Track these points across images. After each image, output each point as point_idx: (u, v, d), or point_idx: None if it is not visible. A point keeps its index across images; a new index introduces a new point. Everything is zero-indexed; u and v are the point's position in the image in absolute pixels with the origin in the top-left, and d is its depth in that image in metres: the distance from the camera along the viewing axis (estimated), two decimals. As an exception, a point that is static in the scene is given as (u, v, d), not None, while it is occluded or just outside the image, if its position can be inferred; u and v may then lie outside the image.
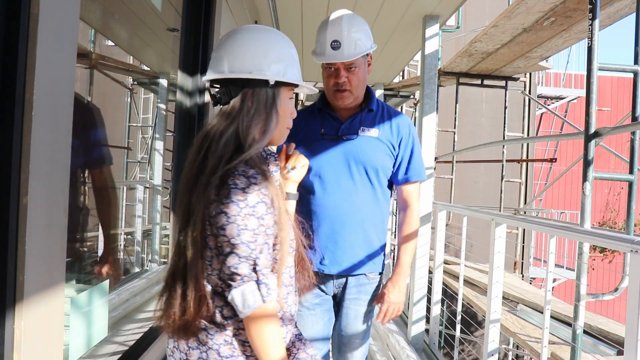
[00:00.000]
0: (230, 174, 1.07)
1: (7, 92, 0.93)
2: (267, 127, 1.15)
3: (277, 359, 1.06)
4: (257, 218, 1.04)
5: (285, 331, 1.17)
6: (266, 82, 1.14)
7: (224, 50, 1.16)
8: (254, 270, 1.05)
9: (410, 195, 1.95)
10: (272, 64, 1.14)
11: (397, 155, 1.91)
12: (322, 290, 1.92)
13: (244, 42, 1.15)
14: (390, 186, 1.96)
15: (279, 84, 1.15)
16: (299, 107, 11.23)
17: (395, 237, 6.46)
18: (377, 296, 1.95)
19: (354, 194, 1.85)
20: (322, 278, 1.90)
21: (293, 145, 1.37)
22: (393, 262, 5.46)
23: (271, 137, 1.18)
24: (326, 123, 1.91)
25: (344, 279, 1.91)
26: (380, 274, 1.98)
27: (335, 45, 1.81)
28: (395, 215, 7.37)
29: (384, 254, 1.98)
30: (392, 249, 6.48)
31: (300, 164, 1.34)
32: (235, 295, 1.05)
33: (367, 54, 1.89)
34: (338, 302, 1.97)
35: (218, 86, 1.19)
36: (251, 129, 1.13)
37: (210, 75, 1.18)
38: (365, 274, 1.91)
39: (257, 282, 1.05)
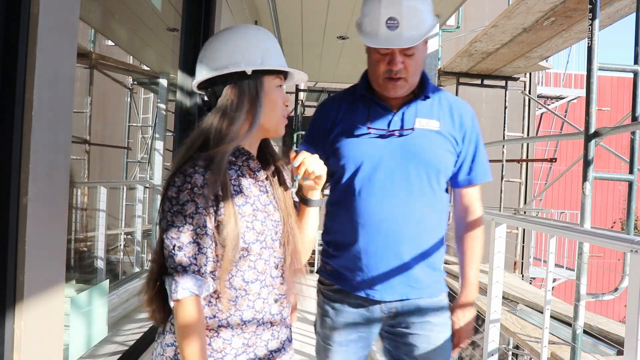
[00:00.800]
0: (176, 172, 1.10)
1: (7, 92, 0.93)
2: (254, 118, 1.14)
3: (186, 353, 1.05)
4: (184, 216, 1.06)
5: (230, 335, 1.13)
6: (245, 74, 1.14)
7: (202, 55, 1.18)
8: (172, 266, 1.07)
9: (472, 200, 1.62)
10: (248, 55, 1.15)
11: (459, 152, 1.57)
12: (365, 319, 1.56)
13: (220, 41, 1.17)
14: (447, 189, 1.62)
15: (259, 73, 1.15)
16: (299, 107, 11.21)
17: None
18: (449, 321, 1.61)
19: (413, 203, 1.50)
20: (365, 301, 1.55)
21: (293, 154, 1.20)
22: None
23: (259, 128, 1.17)
24: (373, 114, 1.55)
25: (397, 304, 1.55)
26: (447, 293, 1.64)
27: (392, 24, 1.43)
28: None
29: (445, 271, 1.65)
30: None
31: (311, 176, 1.20)
32: (166, 286, 1.09)
33: None
34: (390, 332, 1.58)
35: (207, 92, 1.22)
36: (235, 123, 1.13)
37: (194, 82, 1.20)
38: (427, 298, 1.56)
39: (172, 278, 1.06)
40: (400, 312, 1.54)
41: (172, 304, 1.06)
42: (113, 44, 6.38)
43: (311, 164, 1.18)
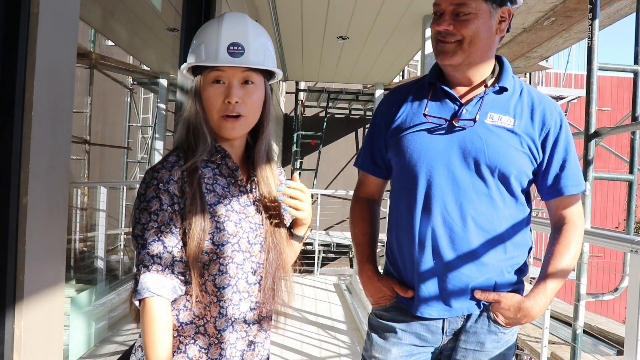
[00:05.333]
0: (150, 169, 1.08)
1: (7, 92, 0.93)
2: (190, 120, 1.11)
3: (150, 357, 1.00)
4: (149, 213, 1.03)
5: (207, 344, 1.07)
6: (193, 75, 1.13)
7: None
8: (136, 264, 1.03)
9: (565, 212, 1.35)
10: (189, 55, 1.13)
11: (542, 157, 1.33)
12: (422, 340, 1.37)
13: None
14: (528, 199, 1.38)
15: (196, 72, 1.12)
16: (299, 107, 11.21)
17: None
18: (511, 354, 1.39)
19: (473, 210, 1.29)
20: (422, 320, 1.36)
21: (295, 177, 1.14)
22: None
23: (201, 127, 1.11)
24: (435, 102, 1.35)
25: (460, 321, 1.35)
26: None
27: None
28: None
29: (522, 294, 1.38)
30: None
31: (290, 211, 1.13)
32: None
33: (498, 4, 1.29)
34: (446, 357, 1.39)
35: None
36: (181, 124, 1.12)
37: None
38: (491, 320, 1.34)
39: (134, 277, 1.02)
40: (460, 331, 1.35)
41: (136, 303, 1.02)
42: (113, 44, 6.39)
43: (293, 201, 1.11)
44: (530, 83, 10.22)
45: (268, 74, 1.14)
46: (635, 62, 3.67)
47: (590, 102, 3.52)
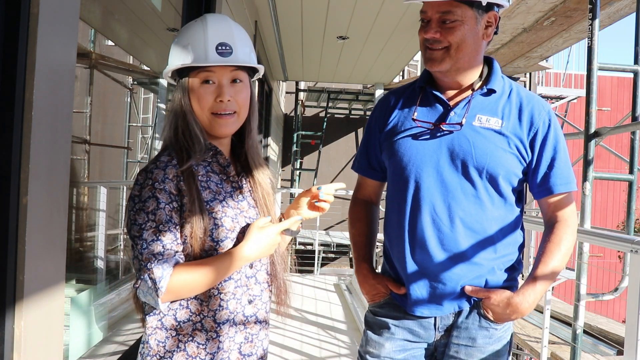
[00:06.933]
0: (141, 171, 1.08)
1: (7, 92, 0.93)
2: (179, 120, 1.11)
3: (216, 274, 1.05)
4: (145, 213, 1.03)
5: (205, 339, 1.08)
6: (183, 73, 1.12)
7: None
8: (143, 265, 1.01)
9: (557, 210, 1.37)
10: (174, 57, 1.13)
11: (531, 157, 1.34)
12: (415, 335, 1.40)
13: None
14: (519, 199, 1.40)
15: (182, 74, 1.12)
16: (299, 107, 11.20)
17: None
18: (505, 351, 1.40)
19: (461, 211, 1.32)
20: (415, 317, 1.39)
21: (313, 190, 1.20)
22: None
23: (192, 128, 1.11)
24: (425, 106, 1.38)
25: (451, 318, 1.37)
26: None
27: None
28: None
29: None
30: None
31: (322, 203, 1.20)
32: (139, 291, 1.03)
33: (484, 10, 1.29)
34: (441, 353, 1.41)
35: None
36: (171, 126, 1.12)
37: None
38: (482, 316, 1.36)
39: (142, 278, 1.01)
40: (452, 327, 1.37)
41: (160, 304, 1.01)
42: (113, 44, 6.38)
43: (324, 204, 1.20)
44: (530, 83, 10.22)
45: (251, 71, 1.18)
46: (635, 62, 3.67)
47: (590, 102, 3.52)
